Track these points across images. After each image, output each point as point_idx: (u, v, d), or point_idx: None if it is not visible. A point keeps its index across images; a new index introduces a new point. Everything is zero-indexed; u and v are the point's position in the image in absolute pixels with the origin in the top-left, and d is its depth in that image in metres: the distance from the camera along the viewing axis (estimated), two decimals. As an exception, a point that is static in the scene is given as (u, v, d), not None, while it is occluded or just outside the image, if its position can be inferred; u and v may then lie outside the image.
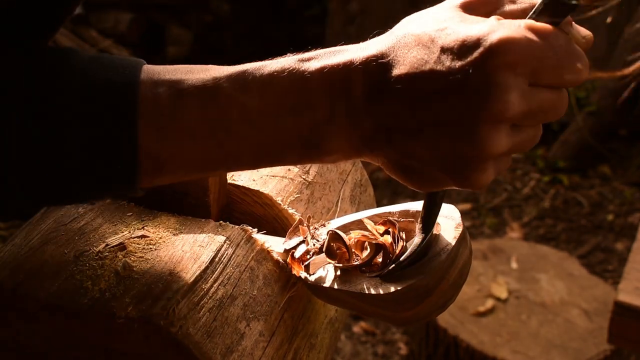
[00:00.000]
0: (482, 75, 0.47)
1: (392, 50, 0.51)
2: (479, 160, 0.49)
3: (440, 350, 2.05)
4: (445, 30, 0.49)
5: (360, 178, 0.86)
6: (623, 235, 3.00)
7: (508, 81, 0.46)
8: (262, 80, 0.52)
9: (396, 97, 0.50)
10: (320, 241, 0.67)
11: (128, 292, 0.58)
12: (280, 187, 0.73)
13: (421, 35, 0.50)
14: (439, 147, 0.50)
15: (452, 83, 0.48)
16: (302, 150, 0.53)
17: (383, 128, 0.51)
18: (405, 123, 0.50)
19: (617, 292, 1.35)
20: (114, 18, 3.78)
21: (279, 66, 0.52)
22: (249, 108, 0.51)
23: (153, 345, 0.57)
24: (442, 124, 0.49)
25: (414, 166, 0.52)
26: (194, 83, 0.51)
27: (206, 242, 0.65)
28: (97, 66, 0.50)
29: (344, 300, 0.63)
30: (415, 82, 0.49)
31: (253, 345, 0.61)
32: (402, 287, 0.58)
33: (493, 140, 0.48)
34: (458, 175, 0.50)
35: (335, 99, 0.52)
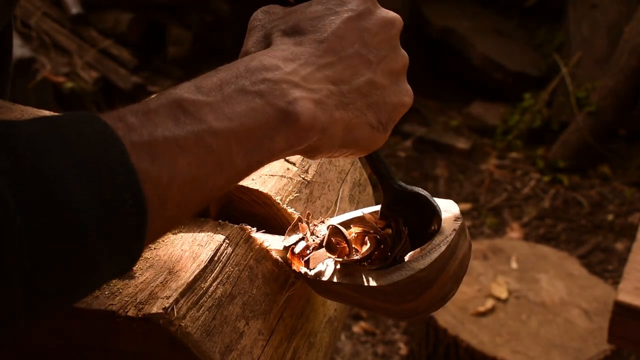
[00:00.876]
0: (374, 4, 0.61)
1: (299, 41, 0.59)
2: (405, 69, 0.62)
3: (440, 350, 2.06)
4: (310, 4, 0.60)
5: (359, 177, 0.86)
6: (623, 235, 3.00)
7: None
8: (214, 81, 0.53)
9: (337, 54, 0.58)
10: (319, 237, 0.67)
11: (127, 291, 0.58)
12: (279, 186, 0.73)
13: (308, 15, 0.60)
14: (387, 68, 0.60)
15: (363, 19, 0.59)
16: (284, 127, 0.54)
17: (344, 83, 0.58)
18: (359, 67, 0.59)
19: (617, 292, 1.35)
20: (114, 18, 3.78)
21: (221, 68, 0.55)
22: (217, 105, 0.52)
23: (152, 344, 0.57)
24: (379, 50, 0.60)
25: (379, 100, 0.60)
26: (155, 103, 0.50)
27: (205, 241, 0.65)
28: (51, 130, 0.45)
29: (344, 294, 0.63)
30: (342, 33, 0.59)
31: (252, 344, 0.61)
32: (402, 279, 0.58)
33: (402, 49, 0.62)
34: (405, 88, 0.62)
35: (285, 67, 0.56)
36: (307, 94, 0.55)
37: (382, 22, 0.61)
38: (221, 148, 0.51)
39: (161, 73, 3.90)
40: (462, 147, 3.73)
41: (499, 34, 4.35)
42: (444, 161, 3.65)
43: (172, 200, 0.49)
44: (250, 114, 0.53)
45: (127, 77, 3.62)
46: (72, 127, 0.46)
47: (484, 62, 4.10)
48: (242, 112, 0.52)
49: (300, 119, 0.54)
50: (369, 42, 0.60)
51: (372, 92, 0.60)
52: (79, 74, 3.51)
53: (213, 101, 0.52)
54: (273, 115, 0.53)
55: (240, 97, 0.53)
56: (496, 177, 3.48)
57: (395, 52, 0.62)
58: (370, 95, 0.60)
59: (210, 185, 0.52)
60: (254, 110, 0.53)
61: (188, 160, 0.49)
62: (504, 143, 3.74)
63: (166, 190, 0.48)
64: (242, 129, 0.52)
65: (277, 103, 0.54)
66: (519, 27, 4.59)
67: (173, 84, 3.96)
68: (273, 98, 0.54)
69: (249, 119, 0.53)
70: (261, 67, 0.55)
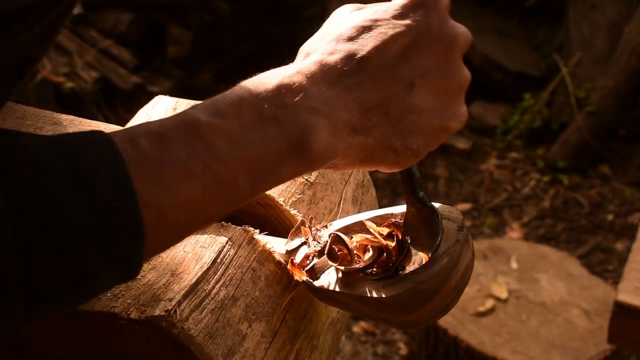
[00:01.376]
0: (439, 19, 0.56)
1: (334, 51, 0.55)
2: (462, 90, 0.58)
3: (440, 350, 2.06)
4: (377, 10, 0.57)
5: (362, 179, 0.86)
6: (623, 235, 3.00)
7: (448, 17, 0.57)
8: (233, 103, 0.52)
9: (375, 73, 0.54)
10: (321, 243, 0.67)
11: (129, 293, 0.58)
12: (282, 188, 0.73)
13: (359, 23, 0.56)
14: (434, 90, 0.56)
15: (420, 34, 0.55)
16: (296, 158, 0.52)
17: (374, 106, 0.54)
18: (396, 86, 0.55)
19: (617, 292, 1.35)
20: (114, 18, 3.78)
21: (246, 86, 0.53)
22: (231, 130, 0.50)
23: (154, 346, 0.57)
24: (427, 69, 0.55)
25: (411, 128, 0.56)
26: (169, 125, 0.50)
27: (208, 242, 0.64)
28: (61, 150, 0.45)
29: (346, 303, 0.63)
30: (388, 51, 0.54)
31: (255, 347, 0.61)
32: (404, 291, 0.58)
33: (465, 68, 0.58)
34: (452, 113, 0.57)
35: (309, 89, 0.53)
36: (325, 121, 0.53)
37: (440, 39, 0.56)
38: (227, 176, 0.51)
39: (161, 73, 3.89)
40: (462, 147, 3.73)
41: (499, 34, 4.35)
42: (444, 161, 3.65)
43: (172, 222, 0.49)
44: (262, 142, 0.51)
45: (127, 77, 3.62)
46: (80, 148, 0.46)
47: (484, 62, 4.10)
48: (255, 140, 0.51)
49: (313, 149, 0.52)
50: (416, 62, 0.55)
51: (405, 116, 0.56)
52: (79, 74, 3.50)
53: (227, 126, 0.51)
54: (285, 145, 0.52)
55: (256, 123, 0.51)
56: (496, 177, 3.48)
57: (449, 73, 0.56)
58: (402, 119, 0.56)
59: (213, 209, 0.52)
60: (267, 139, 0.51)
61: (192, 186, 0.49)
62: (504, 143, 3.74)
63: (167, 214, 0.48)
64: (251, 156, 0.51)
65: (290, 133, 0.52)
66: (519, 27, 4.59)
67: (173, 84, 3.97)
68: (288, 126, 0.52)
69: (260, 147, 0.51)
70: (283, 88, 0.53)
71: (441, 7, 0.57)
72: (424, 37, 0.55)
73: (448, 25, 0.57)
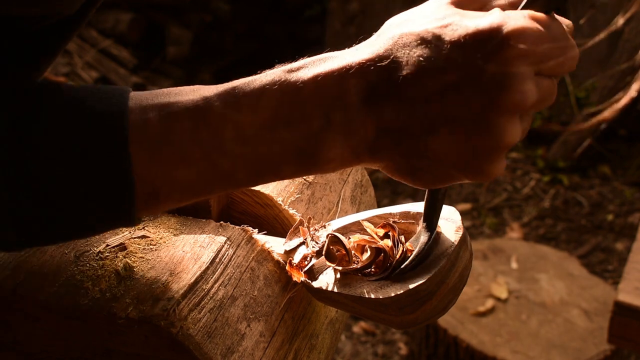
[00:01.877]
0: (499, 67, 0.46)
1: (390, 52, 0.50)
2: (497, 151, 0.49)
3: (440, 350, 2.06)
4: (450, 26, 0.48)
5: (361, 179, 0.86)
6: (623, 235, 3.00)
7: (524, 71, 0.47)
8: (253, 95, 0.50)
9: (404, 99, 0.49)
10: (319, 243, 0.67)
11: (128, 292, 0.58)
12: (281, 188, 0.73)
13: (423, 33, 0.49)
14: (456, 143, 0.49)
15: (466, 77, 0.47)
16: (299, 163, 0.52)
17: (389, 131, 0.50)
18: (417, 123, 0.49)
19: (617, 292, 1.35)
20: (114, 18, 3.78)
21: (269, 79, 0.51)
22: (242, 125, 0.50)
23: (153, 345, 0.57)
24: (457, 120, 0.48)
25: (421, 166, 0.51)
26: (185, 105, 0.50)
27: (207, 242, 0.64)
28: (84, 97, 0.49)
29: (344, 303, 0.63)
30: (426, 80, 0.48)
31: (253, 346, 0.61)
32: (402, 292, 0.58)
33: (511, 130, 0.48)
34: (475, 170, 0.50)
35: (329, 108, 0.50)
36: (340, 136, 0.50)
37: (488, 89, 0.47)
38: (226, 167, 0.50)
39: (161, 73, 3.89)
40: (462, 147, 3.72)
41: (499, 34, 4.34)
42: (444, 161, 3.64)
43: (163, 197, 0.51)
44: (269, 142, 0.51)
45: (127, 77, 3.62)
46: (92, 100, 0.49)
47: (484, 62, 4.09)
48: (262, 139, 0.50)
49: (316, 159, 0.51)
50: (450, 106, 0.48)
51: (415, 156, 0.51)
52: (79, 74, 3.50)
53: (239, 120, 0.50)
54: (291, 150, 0.51)
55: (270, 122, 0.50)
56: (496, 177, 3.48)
57: (486, 129, 0.48)
58: (412, 157, 0.51)
59: (206, 192, 0.53)
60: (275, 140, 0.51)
61: (188, 170, 0.49)
62: (504, 143, 3.74)
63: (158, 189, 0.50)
64: (254, 155, 0.51)
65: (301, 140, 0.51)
66: (519, 27, 4.58)
67: (173, 84, 3.96)
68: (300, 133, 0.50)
69: (266, 147, 0.51)
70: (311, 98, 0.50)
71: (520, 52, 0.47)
72: (470, 82, 0.48)
73: (510, 73, 0.47)
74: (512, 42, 0.46)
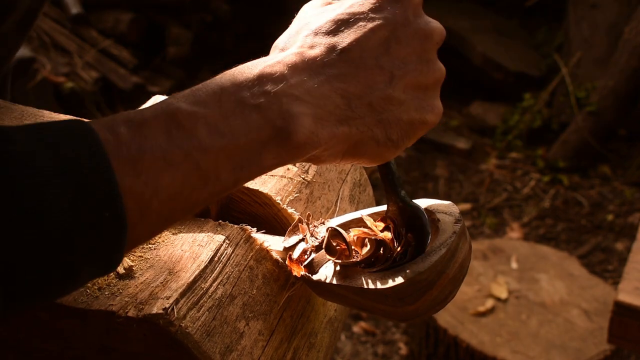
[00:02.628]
0: (415, 13, 0.57)
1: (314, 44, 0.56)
2: (439, 83, 0.59)
3: (440, 350, 2.06)
4: (353, 4, 0.57)
5: (359, 178, 0.86)
6: (623, 235, 3.00)
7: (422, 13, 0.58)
8: (214, 91, 0.52)
9: (354, 64, 0.55)
10: (319, 239, 0.67)
11: (127, 291, 0.58)
12: (280, 187, 0.73)
13: (336, 17, 0.57)
14: (412, 84, 0.57)
15: (398, 27, 0.56)
16: (277, 145, 0.52)
17: (355, 97, 0.55)
18: (376, 79, 0.55)
19: (617, 292, 1.35)
20: (114, 18, 3.78)
21: (227, 75, 0.53)
22: (213, 119, 0.50)
23: (152, 344, 0.57)
24: (407, 62, 0.56)
25: (389, 120, 0.56)
26: (150, 113, 0.50)
27: (205, 241, 0.65)
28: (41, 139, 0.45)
29: (345, 296, 0.63)
30: (366, 44, 0.55)
31: (252, 345, 0.61)
32: (402, 282, 0.58)
33: (439, 62, 0.59)
34: (429, 107, 0.58)
35: (291, 78, 0.53)
36: (307, 109, 0.53)
37: (417, 33, 0.57)
38: (209, 164, 0.50)
39: (161, 73, 3.89)
40: (462, 147, 3.73)
41: (499, 34, 4.35)
42: (443, 161, 3.65)
43: (154, 212, 0.49)
44: (243, 130, 0.51)
45: (127, 77, 3.62)
46: (62, 138, 0.45)
47: (484, 62, 4.10)
48: (236, 127, 0.51)
49: (294, 138, 0.52)
50: (395, 53, 0.56)
51: (386, 108, 0.56)
52: (79, 74, 3.51)
53: (208, 114, 0.51)
54: (267, 132, 0.52)
55: (237, 110, 0.51)
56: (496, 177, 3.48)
57: (426, 66, 0.57)
58: (384, 110, 0.56)
59: (194, 199, 0.52)
60: (249, 126, 0.51)
61: (173, 175, 0.49)
62: (504, 143, 3.74)
63: (148, 203, 0.48)
64: (233, 145, 0.51)
65: (273, 119, 0.52)
66: (519, 27, 4.59)
67: (173, 84, 3.96)
68: (270, 113, 0.52)
69: (242, 135, 0.51)
70: (265, 77, 0.53)
71: (415, 2, 0.58)
72: (402, 30, 0.56)
73: (423, 20, 0.58)
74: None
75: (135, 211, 0.47)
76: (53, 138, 0.45)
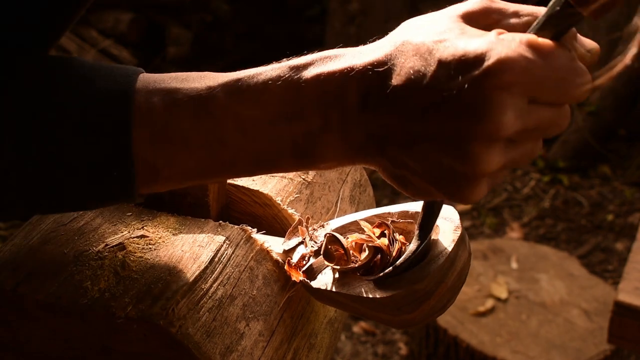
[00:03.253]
0: (478, 94, 0.46)
1: (389, 59, 0.50)
2: (470, 177, 0.48)
3: (440, 350, 2.05)
4: (444, 42, 0.48)
5: (359, 178, 0.86)
6: (623, 235, 3.00)
7: (504, 101, 0.46)
8: (257, 90, 0.51)
9: (390, 107, 0.49)
10: (318, 243, 0.67)
11: (127, 292, 0.58)
12: (280, 187, 0.73)
13: (419, 45, 0.49)
14: (432, 161, 0.49)
15: (447, 98, 0.47)
16: (296, 158, 0.53)
17: (375, 138, 0.51)
18: (398, 134, 0.49)
19: (617, 292, 1.35)
20: (114, 18, 3.78)
21: (274, 74, 0.52)
22: (243, 118, 0.51)
23: (152, 345, 0.57)
24: (434, 138, 0.48)
25: (404, 175, 0.52)
26: (189, 92, 0.51)
27: (206, 242, 0.65)
28: (94, 75, 0.50)
29: (343, 302, 0.63)
30: (410, 94, 0.48)
31: (252, 345, 0.61)
32: (400, 291, 0.58)
33: (485, 158, 0.47)
34: (449, 191, 0.50)
35: (329, 108, 0.51)
36: (336, 137, 0.51)
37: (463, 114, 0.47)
38: (225, 157, 0.52)
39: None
40: (462, 147, 3.72)
41: (499, 34, 4.34)
42: (444, 161, 3.64)
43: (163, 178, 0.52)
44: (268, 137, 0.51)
45: (127, 77, 3.61)
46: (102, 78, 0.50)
47: (484, 62, 4.09)
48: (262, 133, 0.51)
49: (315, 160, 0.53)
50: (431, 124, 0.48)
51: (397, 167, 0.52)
52: (79, 74, 3.50)
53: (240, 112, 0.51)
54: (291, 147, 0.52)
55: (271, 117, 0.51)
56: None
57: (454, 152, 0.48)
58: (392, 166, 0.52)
59: (205, 178, 0.55)
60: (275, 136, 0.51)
61: (188, 156, 0.51)
62: (504, 143, 3.73)
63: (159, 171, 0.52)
64: (253, 147, 0.52)
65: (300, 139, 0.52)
66: (519, 27, 4.58)
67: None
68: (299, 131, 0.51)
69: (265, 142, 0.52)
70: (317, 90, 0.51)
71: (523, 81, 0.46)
72: (449, 104, 0.47)
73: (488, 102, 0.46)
74: (496, 72, 0.45)
75: (146, 173, 0.51)
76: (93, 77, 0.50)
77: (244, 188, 0.72)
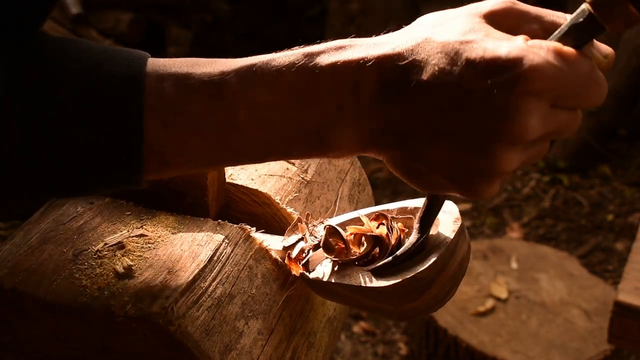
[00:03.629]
0: (508, 98, 0.47)
1: (411, 54, 0.50)
2: (489, 174, 0.50)
3: (440, 350, 2.05)
4: (471, 43, 0.49)
5: (358, 177, 0.86)
6: (623, 235, 3.00)
7: (531, 107, 0.47)
8: (271, 76, 0.51)
9: (414, 102, 0.50)
10: (318, 238, 0.67)
11: (127, 290, 0.58)
12: (279, 186, 0.73)
13: (444, 44, 0.49)
14: (451, 157, 0.50)
15: (474, 98, 0.48)
16: (308, 145, 0.53)
17: (395, 129, 0.51)
18: (421, 128, 0.50)
19: (617, 292, 1.35)
20: (114, 18, 3.78)
21: (288, 61, 0.52)
22: (257, 104, 0.51)
23: (152, 343, 0.57)
24: (457, 136, 0.49)
25: (418, 168, 0.52)
26: (201, 77, 0.51)
27: (205, 240, 0.65)
28: (104, 58, 0.50)
29: (343, 294, 0.63)
30: (437, 92, 0.49)
31: (251, 344, 0.61)
32: (401, 280, 0.58)
33: (506, 158, 0.49)
34: (464, 186, 0.51)
35: (343, 96, 0.51)
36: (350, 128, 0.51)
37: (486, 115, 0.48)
38: (237, 142, 0.52)
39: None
40: (462, 147, 3.72)
41: (499, 34, 4.34)
42: (444, 161, 3.64)
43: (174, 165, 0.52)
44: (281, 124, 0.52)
45: (127, 77, 3.62)
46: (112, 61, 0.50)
47: (484, 62, 4.09)
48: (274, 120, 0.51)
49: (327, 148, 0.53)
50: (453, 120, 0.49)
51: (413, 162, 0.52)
52: (79, 74, 3.50)
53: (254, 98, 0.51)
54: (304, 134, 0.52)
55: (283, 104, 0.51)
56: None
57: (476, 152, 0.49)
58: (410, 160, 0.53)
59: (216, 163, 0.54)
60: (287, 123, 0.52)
61: (199, 142, 0.51)
62: (504, 143, 3.73)
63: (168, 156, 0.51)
64: (266, 134, 0.52)
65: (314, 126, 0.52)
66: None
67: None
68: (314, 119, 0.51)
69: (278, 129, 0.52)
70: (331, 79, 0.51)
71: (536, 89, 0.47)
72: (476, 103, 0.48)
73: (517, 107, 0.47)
74: (527, 79, 0.47)
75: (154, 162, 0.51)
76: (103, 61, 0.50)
77: (243, 187, 0.72)
